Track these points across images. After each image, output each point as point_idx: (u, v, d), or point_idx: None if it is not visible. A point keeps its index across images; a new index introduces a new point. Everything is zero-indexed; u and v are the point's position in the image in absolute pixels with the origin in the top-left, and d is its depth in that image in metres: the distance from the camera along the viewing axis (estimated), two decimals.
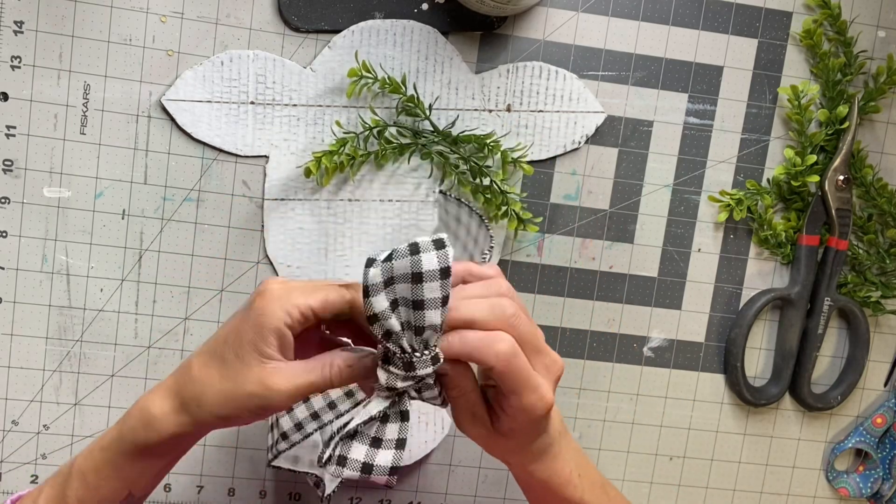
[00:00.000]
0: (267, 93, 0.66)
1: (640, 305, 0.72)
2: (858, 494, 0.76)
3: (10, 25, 0.63)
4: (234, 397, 0.47)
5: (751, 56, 0.70)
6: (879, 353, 0.75)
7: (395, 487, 0.71)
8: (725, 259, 0.73)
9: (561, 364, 0.48)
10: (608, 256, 0.71)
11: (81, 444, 0.68)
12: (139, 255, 0.67)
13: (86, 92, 0.65)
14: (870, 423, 0.75)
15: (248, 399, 0.47)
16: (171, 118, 0.65)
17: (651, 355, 0.73)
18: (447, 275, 0.43)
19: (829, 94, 0.71)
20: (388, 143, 0.67)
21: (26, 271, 0.66)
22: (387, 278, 0.43)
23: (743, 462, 0.75)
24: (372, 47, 0.66)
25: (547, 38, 0.68)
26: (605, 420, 0.73)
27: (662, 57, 0.70)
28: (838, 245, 0.71)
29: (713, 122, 0.71)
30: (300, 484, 0.71)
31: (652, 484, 0.74)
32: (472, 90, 0.68)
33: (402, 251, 0.43)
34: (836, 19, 0.70)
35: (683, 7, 0.69)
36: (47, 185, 0.65)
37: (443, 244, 0.43)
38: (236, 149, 0.66)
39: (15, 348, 0.67)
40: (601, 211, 0.71)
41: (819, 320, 0.73)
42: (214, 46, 0.65)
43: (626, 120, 0.70)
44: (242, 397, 0.47)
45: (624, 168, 0.70)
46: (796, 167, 0.70)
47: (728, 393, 0.74)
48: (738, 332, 0.72)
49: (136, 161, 0.66)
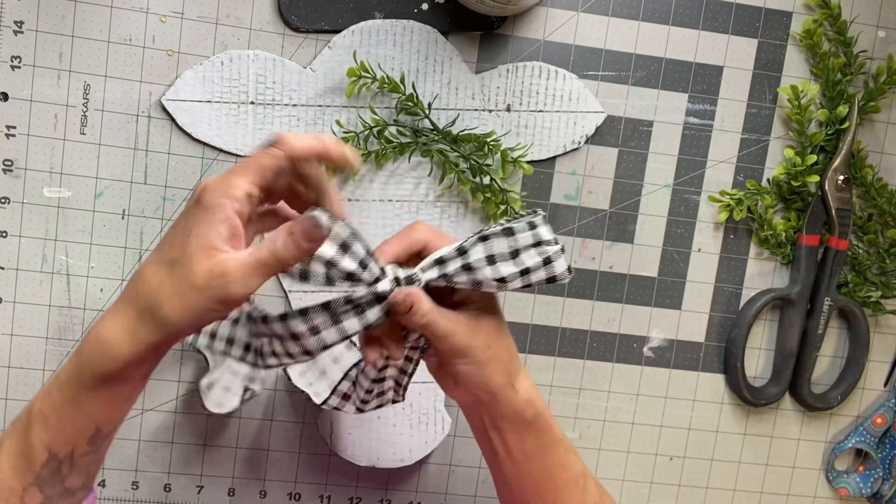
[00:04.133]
0: (267, 93, 0.66)
1: (640, 305, 0.72)
2: (858, 494, 0.76)
3: (10, 25, 0.63)
4: (188, 295, 0.45)
5: (751, 56, 0.70)
6: (879, 353, 0.75)
7: (395, 487, 0.71)
8: (725, 259, 0.73)
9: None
10: (608, 256, 0.71)
11: None
12: (139, 255, 0.67)
13: (86, 92, 0.65)
14: (870, 423, 0.75)
15: (203, 293, 0.45)
16: (171, 118, 0.65)
17: (651, 355, 0.73)
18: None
19: (829, 94, 0.71)
20: (388, 142, 0.67)
21: (26, 271, 0.66)
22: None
23: (743, 462, 0.75)
24: (372, 47, 0.66)
25: (547, 38, 0.68)
26: (605, 420, 0.73)
27: (662, 57, 0.70)
28: (838, 245, 0.71)
29: (713, 122, 0.71)
30: (300, 484, 0.71)
31: (652, 484, 0.74)
32: (472, 90, 0.68)
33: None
34: (836, 19, 0.70)
35: (683, 7, 0.69)
36: (47, 185, 0.65)
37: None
38: (236, 149, 0.66)
39: (15, 348, 0.67)
40: (601, 211, 0.71)
41: (819, 320, 0.73)
42: (214, 46, 0.65)
43: (626, 120, 0.70)
44: (196, 293, 0.45)
45: (624, 168, 0.70)
46: (796, 167, 0.70)
47: (728, 393, 0.74)
48: (738, 332, 0.72)
49: (136, 161, 0.66)
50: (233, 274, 0.45)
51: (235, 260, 0.45)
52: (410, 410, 0.69)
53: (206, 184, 0.47)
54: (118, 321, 0.47)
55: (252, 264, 0.46)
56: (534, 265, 0.50)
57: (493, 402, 0.53)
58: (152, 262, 0.47)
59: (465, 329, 0.51)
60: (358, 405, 0.59)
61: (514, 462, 0.54)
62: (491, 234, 0.50)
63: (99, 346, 0.47)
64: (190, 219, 0.46)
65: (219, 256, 0.45)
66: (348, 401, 0.60)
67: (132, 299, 0.47)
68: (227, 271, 0.45)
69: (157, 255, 0.47)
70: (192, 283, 0.45)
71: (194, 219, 0.46)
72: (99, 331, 0.47)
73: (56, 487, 0.49)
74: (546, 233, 0.51)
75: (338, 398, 0.60)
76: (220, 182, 0.47)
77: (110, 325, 0.47)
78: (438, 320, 0.50)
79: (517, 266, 0.50)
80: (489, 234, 0.50)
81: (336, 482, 0.71)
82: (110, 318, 0.47)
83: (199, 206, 0.46)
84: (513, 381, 0.53)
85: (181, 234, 0.46)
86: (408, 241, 0.53)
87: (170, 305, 0.46)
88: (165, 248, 0.47)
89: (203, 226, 0.46)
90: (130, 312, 0.47)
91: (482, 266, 0.50)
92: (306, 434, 0.70)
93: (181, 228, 0.47)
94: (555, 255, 0.51)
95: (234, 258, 0.46)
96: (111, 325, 0.47)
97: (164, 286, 0.46)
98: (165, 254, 0.47)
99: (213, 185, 0.47)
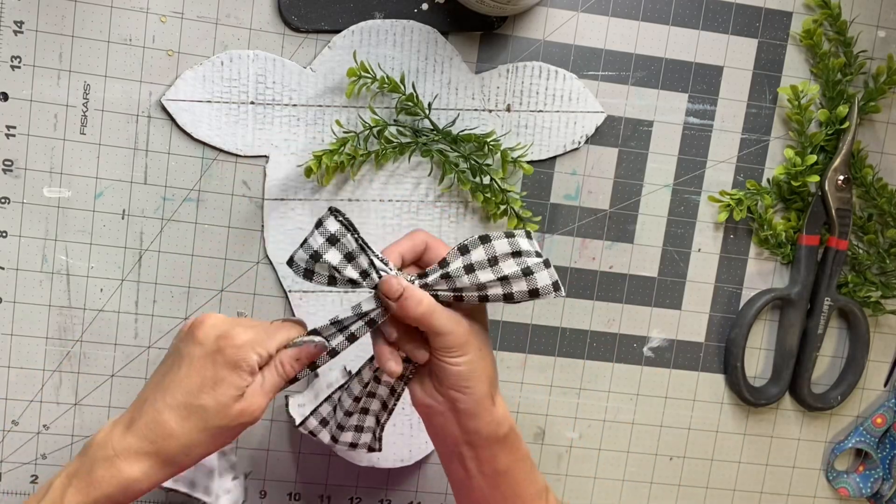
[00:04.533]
0: (267, 93, 0.66)
1: (640, 305, 0.72)
2: (858, 494, 0.76)
3: (10, 25, 0.63)
4: (221, 434, 0.51)
5: (751, 56, 0.70)
6: (879, 353, 0.75)
7: (395, 487, 0.71)
8: (725, 259, 0.73)
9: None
10: (608, 256, 0.71)
11: (81, 444, 0.68)
12: (139, 255, 0.67)
13: (86, 92, 0.65)
14: (870, 423, 0.75)
15: (234, 431, 0.52)
16: (171, 118, 0.65)
17: (651, 355, 0.73)
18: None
19: (829, 94, 0.71)
20: (388, 142, 0.67)
21: (26, 271, 0.66)
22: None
23: (743, 462, 0.75)
24: (372, 47, 0.66)
25: (547, 38, 0.68)
26: (605, 420, 0.73)
27: (662, 57, 0.70)
28: (838, 245, 0.71)
29: (713, 122, 0.71)
30: (300, 484, 0.71)
31: (652, 484, 0.74)
32: (472, 90, 0.68)
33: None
34: (836, 19, 0.70)
35: (683, 7, 0.69)
36: (47, 185, 0.65)
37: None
38: (236, 149, 0.66)
39: (15, 348, 0.67)
40: (601, 211, 0.71)
41: (819, 320, 0.73)
42: (214, 46, 0.65)
43: (626, 120, 0.70)
44: (229, 433, 0.52)
45: (624, 168, 0.70)
46: (796, 167, 0.70)
47: (728, 393, 0.74)
48: (738, 332, 0.72)
49: (136, 161, 0.66)
50: (259, 408, 0.52)
51: (257, 395, 0.52)
52: (410, 410, 0.69)
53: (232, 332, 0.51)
54: (143, 464, 0.51)
55: (269, 393, 0.52)
56: (512, 274, 0.52)
57: (472, 413, 0.54)
58: (175, 408, 0.51)
59: (463, 328, 0.53)
60: (333, 432, 0.61)
61: (485, 478, 0.55)
62: (469, 244, 0.52)
63: (124, 484, 0.50)
64: (215, 365, 0.51)
65: (244, 395, 0.51)
66: (325, 427, 0.62)
67: (154, 445, 0.51)
68: (254, 408, 0.51)
69: (179, 401, 0.51)
70: (226, 427, 0.51)
71: (223, 371, 0.51)
72: (120, 472, 0.50)
73: None
74: (526, 244, 0.53)
75: (316, 421, 0.62)
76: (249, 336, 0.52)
77: (135, 469, 0.50)
78: (439, 311, 0.52)
79: (495, 274, 0.52)
80: (468, 244, 0.52)
81: (336, 482, 0.71)
82: (129, 460, 0.51)
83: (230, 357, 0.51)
84: (493, 393, 0.54)
85: (208, 382, 0.51)
86: (410, 243, 0.55)
87: (204, 448, 0.52)
88: (193, 395, 0.51)
89: (234, 377, 0.51)
90: (154, 456, 0.51)
91: (461, 275, 0.52)
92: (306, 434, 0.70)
93: (203, 375, 0.51)
94: (535, 266, 0.52)
95: (255, 392, 0.52)
96: (136, 469, 0.50)
97: (194, 433, 0.51)
98: (191, 400, 0.51)
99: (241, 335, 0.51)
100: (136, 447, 0.51)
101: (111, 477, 0.50)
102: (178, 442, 0.51)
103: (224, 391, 0.50)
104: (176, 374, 0.51)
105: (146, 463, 0.51)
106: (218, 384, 0.50)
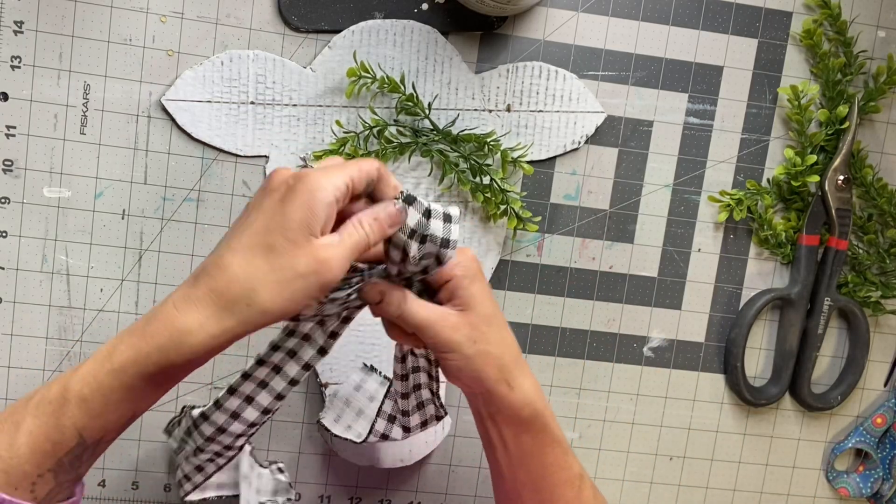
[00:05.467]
0: (267, 93, 0.66)
1: (640, 305, 0.72)
2: (858, 494, 0.76)
3: (10, 25, 0.63)
4: (291, 282, 0.45)
5: (751, 56, 0.70)
6: (879, 353, 0.75)
7: (395, 487, 0.71)
8: (725, 259, 0.73)
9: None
10: (608, 256, 0.71)
11: None
12: (139, 255, 0.67)
13: (86, 92, 0.65)
14: (870, 423, 0.75)
15: (308, 279, 0.45)
16: (171, 118, 0.65)
17: (651, 355, 0.73)
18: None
19: (829, 94, 0.71)
20: (388, 142, 0.67)
21: (26, 271, 0.66)
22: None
23: (743, 462, 0.75)
24: (372, 47, 0.66)
25: (547, 38, 0.68)
26: (605, 420, 0.73)
27: (662, 57, 0.70)
28: (838, 245, 0.71)
29: (713, 122, 0.71)
30: (301, 484, 0.71)
31: (652, 484, 0.74)
32: (472, 90, 0.68)
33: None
34: (836, 19, 0.70)
35: (683, 7, 0.69)
36: (47, 185, 0.65)
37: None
38: (236, 149, 0.66)
39: (15, 348, 0.67)
40: (601, 211, 0.71)
41: (819, 320, 0.73)
42: (214, 46, 0.65)
43: (626, 120, 0.70)
44: (301, 279, 0.45)
45: (624, 168, 0.70)
46: (796, 167, 0.70)
47: (728, 393, 0.74)
48: (738, 332, 0.72)
49: (136, 161, 0.66)
50: (334, 260, 0.45)
51: (333, 246, 0.46)
52: None
53: (305, 172, 0.46)
54: (199, 312, 0.45)
55: (348, 249, 0.46)
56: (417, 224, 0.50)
57: (488, 397, 0.53)
58: (238, 250, 0.46)
59: (448, 323, 0.51)
60: (402, 422, 0.61)
61: (510, 456, 0.54)
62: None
63: (177, 335, 0.45)
64: (290, 203, 0.45)
65: (318, 242, 0.45)
66: (394, 423, 0.62)
67: (213, 290, 0.45)
68: (329, 257, 0.45)
69: (245, 242, 0.46)
70: (295, 269, 0.45)
71: (295, 204, 0.45)
72: (174, 320, 0.45)
73: (70, 475, 0.47)
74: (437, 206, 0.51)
75: (384, 421, 0.62)
76: (322, 172, 0.46)
77: (190, 317, 0.45)
78: (416, 311, 0.51)
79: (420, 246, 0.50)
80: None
81: (336, 482, 0.71)
82: (186, 308, 0.45)
83: (306, 191, 0.45)
84: (506, 377, 0.52)
85: (278, 220, 0.45)
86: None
87: (269, 294, 0.45)
88: (261, 234, 0.45)
89: (305, 211, 0.45)
90: (212, 303, 0.45)
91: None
92: (306, 434, 0.70)
93: (276, 214, 0.45)
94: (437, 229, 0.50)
95: (332, 244, 0.46)
96: (190, 317, 0.45)
97: (259, 274, 0.45)
98: (258, 240, 0.45)
99: (314, 173, 0.46)
100: (193, 295, 0.46)
101: (164, 328, 0.45)
102: (239, 286, 0.45)
103: (297, 229, 0.45)
104: (244, 221, 0.47)
105: (202, 311, 0.45)
106: (288, 221, 0.45)
